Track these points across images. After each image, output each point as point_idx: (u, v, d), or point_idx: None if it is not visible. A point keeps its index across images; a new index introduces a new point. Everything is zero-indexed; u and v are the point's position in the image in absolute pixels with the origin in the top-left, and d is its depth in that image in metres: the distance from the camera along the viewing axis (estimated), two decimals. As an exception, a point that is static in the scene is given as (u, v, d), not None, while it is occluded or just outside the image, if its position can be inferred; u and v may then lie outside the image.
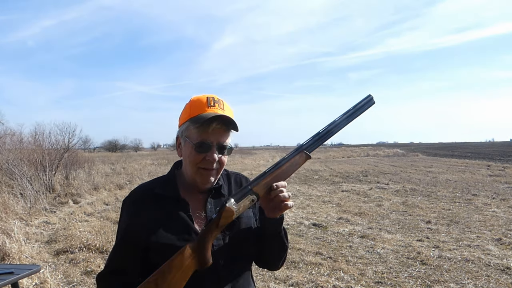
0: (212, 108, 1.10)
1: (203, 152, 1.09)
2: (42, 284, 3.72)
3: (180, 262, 0.96)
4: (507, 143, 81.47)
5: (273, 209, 1.05)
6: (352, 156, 35.23)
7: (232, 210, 0.99)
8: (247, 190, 1.01)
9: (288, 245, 1.21)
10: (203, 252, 0.99)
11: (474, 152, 33.00)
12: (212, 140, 1.09)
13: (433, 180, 12.50)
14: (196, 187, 1.16)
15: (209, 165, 1.11)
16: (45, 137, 11.26)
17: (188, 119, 1.11)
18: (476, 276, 3.85)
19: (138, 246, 1.09)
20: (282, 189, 1.02)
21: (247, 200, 1.00)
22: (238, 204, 0.99)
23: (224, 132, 1.11)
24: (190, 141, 1.11)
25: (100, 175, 12.78)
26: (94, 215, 7.33)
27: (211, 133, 1.08)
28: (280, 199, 1.02)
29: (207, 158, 1.09)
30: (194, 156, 1.10)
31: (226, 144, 1.12)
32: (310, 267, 4.19)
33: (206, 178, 1.13)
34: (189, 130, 1.11)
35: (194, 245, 0.99)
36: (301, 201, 8.82)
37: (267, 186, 1.01)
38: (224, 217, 0.99)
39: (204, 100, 1.11)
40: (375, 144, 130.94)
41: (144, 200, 1.15)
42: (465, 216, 6.75)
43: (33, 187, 8.03)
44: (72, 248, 4.86)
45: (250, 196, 1.01)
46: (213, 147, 1.10)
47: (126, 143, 69.31)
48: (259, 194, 1.01)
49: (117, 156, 30.04)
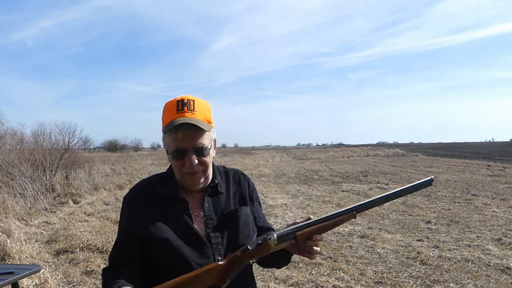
0: (180, 113, 1.09)
1: (181, 158, 1.10)
2: (42, 284, 3.71)
3: (204, 278, 0.98)
4: (507, 143, 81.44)
5: (295, 249, 1.08)
6: (352, 156, 35.23)
7: (270, 247, 1.00)
8: (292, 235, 1.02)
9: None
10: (228, 274, 1.01)
11: (474, 152, 32.99)
12: (186, 146, 1.09)
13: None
14: (189, 187, 1.17)
15: (191, 170, 1.11)
16: (45, 137, 11.28)
17: (164, 127, 1.12)
18: (476, 276, 3.85)
19: (139, 240, 1.10)
20: (318, 243, 1.04)
21: (287, 242, 1.02)
22: (278, 244, 1.01)
23: (195, 135, 1.09)
24: (168, 149, 1.13)
25: (100, 175, 12.78)
26: (94, 215, 7.33)
27: (182, 139, 1.08)
28: (312, 250, 1.05)
29: (186, 164, 1.10)
30: (175, 163, 1.12)
31: (202, 146, 1.11)
32: (310, 267, 4.19)
33: (193, 181, 1.14)
34: (165, 138, 1.13)
35: (223, 267, 1.00)
36: (301, 201, 8.82)
37: (310, 235, 1.03)
38: (261, 251, 1.00)
39: (174, 105, 1.10)
40: (375, 144, 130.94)
41: (144, 197, 1.15)
42: (465, 216, 6.76)
43: (33, 187, 8.03)
44: (72, 248, 4.86)
45: (292, 240, 1.02)
46: (189, 152, 1.09)
47: (126, 143, 69.39)
48: (298, 240, 1.03)
49: (117, 156, 30.03)
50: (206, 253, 1.10)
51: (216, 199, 1.19)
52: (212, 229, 1.14)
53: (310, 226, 1.03)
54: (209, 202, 1.18)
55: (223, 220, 1.17)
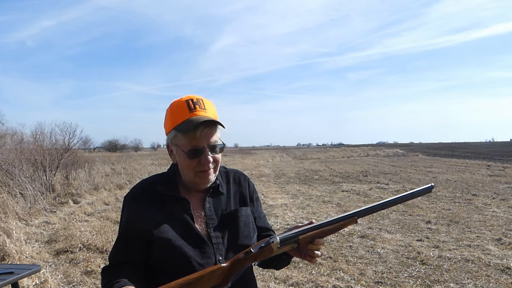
0: (193, 112, 1.09)
1: (197, 157, 1.10)
2: (42, 284, 3.72)
3: (207, 279, 0.98)
4: (507, 143, 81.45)
5: (297, 252, 1.10)
6: (352, 156, 35.23)
7: (273, 250, 1.01)
8: (295, 238, 1.03)
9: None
10: (231, 276, 1.02)
11: (474, 152, 32.99)
12: (202, 144, 1.10)
13: (433, 180, 12.50)
14: (195, 187, 1.17)
15: (205, 168, 1.12)
16: (45, 137, 11.29)
17: (174, 127, 1.11)
18: (476, 276, 3.85)
19: (139, 240, 1.10)
20: (320, 247, 1.06)
21: (290, 246, 1.03)
22: (281, 247, 1.02)
23: (211, 133, 1.11)
24: (182, 150, 1.11)
25: (100, 175, 12.78)
26: (94, 215, 7.33)
27: (200, 138, 1.09)
28: (313, 254, 1.06)
29: (201, 162, 1.10)
30: (189, 163, 1.11)
31: (216, 143, 1.13)
32: (310, 267, 4.19)
33: (205, 179, 1.14)
34: (178, 138, 1.11)
35: (226, 269, 1.00)
36: (301, 201, 8.82)
37: (312, 239, 1.04)
38: (264, 254, 1.01)
39: (185, 105, 1.10)
40: (375, 144, 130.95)
41: (145, 196, 1.15)
42: (465, 216, 6.75)
43: (33, 187, 8.03)
44: (72, 248, 4.86)
45: (294, 243, 1.03)
46: (205, 150, 1.10)
47: (126, 143, 69.35)
48: (300, 243, 1.04)
49: (117, 156, 30.00)
50: (207, 253, 1.10)
51: (217, 200, 1.20)
52: (213, 229, 1.14)
53: (313, 230, 1.04)
54: (210, 202, 1.18)
55: (224, 220, 1.17)
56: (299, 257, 1.10)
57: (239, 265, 1.01)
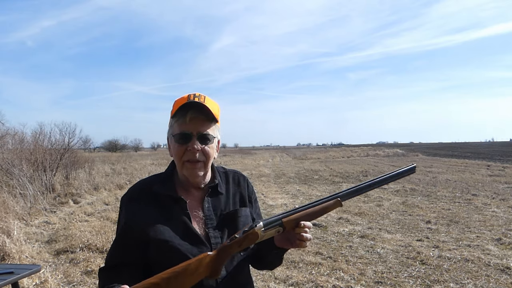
0: (191, 100, 1.11)
1: (184, 143, 1.10)
2: (42, 284, 3.72)
3: (195, 268, 0.97)
4: (507, 143, 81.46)
5: (287, 241, 1.08)
6: (352, 156, 35.22)
7: (258, 234, 1.00)
8: (279, 221, 1.02)
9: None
10: (219, 264, 1.01)
11: (474, 152, 32.99)
12: (191, 130, 1.10)
13: (433, 180, 12.49)
14: (192, 185, 1.17)
15: (192, 156, 1.11)
16: (45, 137, 11.28)
17: (171, 117, 1.14)
18: (476, 276, 3.85)
19: (137, 240, 1.10)
20: (307, 229, 1.04)
21: (275, 230, 1.02)
22: (265, 231, 1.01)
23: (203, 122, 1.11)
24: (172, 135, 1.13)
25: (100, 175, 12.78)
26: (94, 215, 7.33)
27: (189, 123, 1.10)
28: (302, 237, 1.04)
29: (188, 149, 1.10)
30: (177, 149, 1.12)
31: (207, 134, 1.12)
32: (310, 267, 4.19)
33: (193, 171, 1.13)
34: (172, 127, 1.14)
35: (212, 256, 1.00)
36: (301, 201, 8.83)
37: (296, 222, 1.03)
38: (249, 239, 1.00)
39: (185, 96, 1.13)
40: (375, 144, 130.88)
41: (142, 197, 1.15)
42: (465, 216, 6.76)
43: (33, 187, 8.03)
44: (72, 248, 4.86)
45: (279, 227, 1.02)
46: (194, 137, 1.10)
47: (126, 143, 69.30)
48: (286, 227, 1.03)
49: (117, 156, 29.99)
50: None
51: (216, 200, 1.19)
52: (212, 229, 1.14)
53: (296, 212, 1.03)
54: (209, 202, 1.18)
55: (223, 221, 1.17)
56: (289, 246, 1.08)
57: (225, 252, 1.00)
